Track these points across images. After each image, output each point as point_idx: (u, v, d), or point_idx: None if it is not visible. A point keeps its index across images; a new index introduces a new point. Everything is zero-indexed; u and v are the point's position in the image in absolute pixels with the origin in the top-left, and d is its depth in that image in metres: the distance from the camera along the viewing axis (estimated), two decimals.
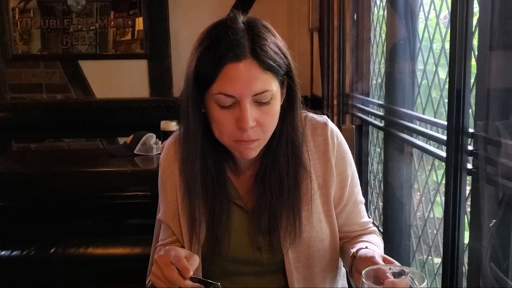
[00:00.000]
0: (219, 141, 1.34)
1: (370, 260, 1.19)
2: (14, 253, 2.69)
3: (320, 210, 1.43)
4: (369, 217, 1.55)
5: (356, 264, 1.30)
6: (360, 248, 1.32)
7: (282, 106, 1.36)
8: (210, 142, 1.37)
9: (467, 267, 1.64)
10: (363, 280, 0.92)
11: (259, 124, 1.28)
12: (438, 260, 2.13)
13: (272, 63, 1.26)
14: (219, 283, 1.21)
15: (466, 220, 1.62)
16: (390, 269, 1.00)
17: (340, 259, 1.52)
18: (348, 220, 1.48)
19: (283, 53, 1.31)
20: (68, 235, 2.90)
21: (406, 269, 1.00)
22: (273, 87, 1.28)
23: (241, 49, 1.23)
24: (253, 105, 1.26)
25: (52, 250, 2.70)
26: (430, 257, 2.16)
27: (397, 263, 1.18)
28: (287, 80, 1.34)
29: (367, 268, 0.98)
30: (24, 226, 2.99)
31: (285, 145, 1.37)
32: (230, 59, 1.22)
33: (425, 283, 0.89)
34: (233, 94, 1.24)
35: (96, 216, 3.36)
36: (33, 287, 2.62)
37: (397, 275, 0.99)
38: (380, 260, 1.17)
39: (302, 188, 1.40)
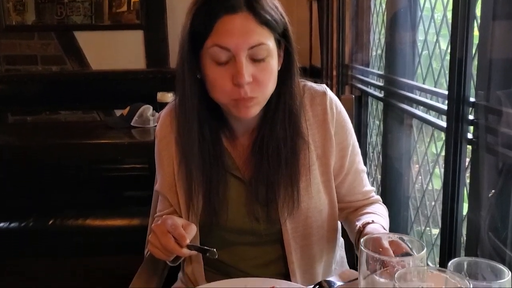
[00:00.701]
0: (217, 103, 1.32)
1: (377, 242, 1.14)
2: (12, 225, 2.69)
3: (319, 181, 1.41)
4: (371, 186, 1.53)
5: (357, 238, 1.29)
6: (366, 223, 1.31)
7: (279, 71, 1.33)
8: (206, 109, 1.35)
9: (465, 238, 1.64)
10: (361, 248, 0.91)
11: (256, 81, 1.25)
12: (436, 231, 2.13)
13: (268, 17, 1.24)
14: (214, 249, 1.21)
15: (465, 190, 1.61)
16: (389, 237, 0.99)
17: (338, 229, 1.52)
18: (350, 190, 1.46)
19: (280, 12, 1.29)
20: (66, 207, 2.90)
21: (405, 237, 0.99)
22: (269, 43, 1.25)
23: (236, 1, 1.21)
24: (249, 60, 1.24)
25: (50, 222, 2.71)
26: (428, 228, 2.17)
27: (404, 245, 1.16)
28: (284, 43, 1.32)
29: (366, 237, 0.96)
30: (21, 198, 2.98)
31: (283, 113, 1.35)
32: (225, 11, 1.21)
33: (424, 251, 0.88)
34: (228, 47, 1.22)
35: (94, 188, 3.36)
36: (31, 259, 2.63)
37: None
38: (386, 244, 1.12)
39: (300, 159, 1.38)
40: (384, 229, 1.30)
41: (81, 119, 4.20)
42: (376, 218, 1.35)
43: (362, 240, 0.92)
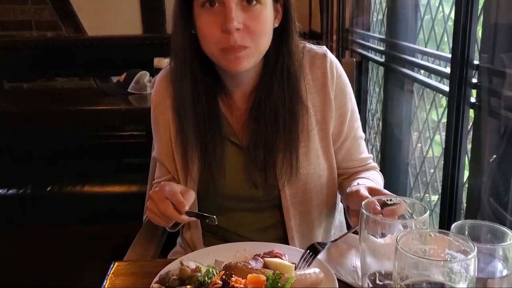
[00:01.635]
0: (211, 63, 1.30)
1: (355, 195, 1.18)
2: (10, 191, 2.68)
3: (318, 146, 1.39)
4: (369, 153, 1.51)
5: (346, 201, 1.28)
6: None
7: (277, 29, 1.30)
8: (200, 69, 1.32)
9: (465, 204, 1.63)
10: (362, 210, 0.89)
11: (246, 29, 1.22)
12: (435, 198, 2.12)
13: None
14: (214, 216, 1.19)
15: (466, 156, 1.59)
16: (390, 200, 0.97)
17: (338, 194, 1.50)
18: (347, 156, 1.44)
19: None
20: (65, 174, 2.89)
21: (406, 199, 0.97)
22: None
23: None
24: (239, 6, 1.21)
25: (48, 189, 2.70)
26: (427, 195, 2.16)
27: (385, 191, 1.16)
28: None
29: (367, 200, 0.94)
30: (19, 165, 2.97)
31: (281, 74, 1.31)
32: None
33: (427, 214, 0.86)
34: None
35: (92, 156, 3.34)
36: (31, 226, 2.63)
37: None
38: (365, 192, 1.16)
39: (299, 123, 1.35)
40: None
41: (77, 86, 4.15)
42: (365, 182, 1.33)
43: (363, 203, 0.90)
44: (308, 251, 1.14)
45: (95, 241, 2.51)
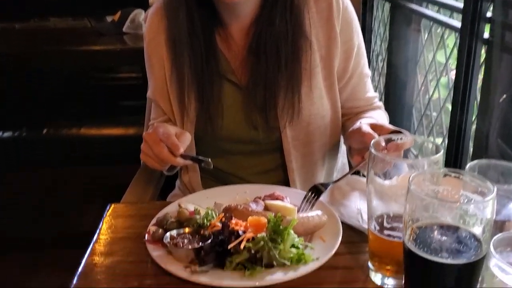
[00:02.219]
0: None
1: (357, 132, 1.13)
2: (5, 134, 2.63)
3: (322, 85, 1.32)
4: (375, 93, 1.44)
5: (347, 141, 1.22)
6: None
7: None
8: (196, 2, 1.24)
9: (472, 145, 1.58)
10: (371, 150, 0.83)
11: None
12: (439, 140, 2.07)
13: None
14: (209, 159, 1.14)
15: (476, 96, 1.52)
16: (400, 139, 0.92)
17: (341, 136, 1.45)
18: (352, 95, 1.37)
19: None
20: (60, 117, 2.83)
21: (418, 138, 0.92)
22: None
23: None
24: None
25: (44, 132, 2.65)
26: (431, 137, 2.10)
27: (389, 126, 1.11)
28: None
29: (375, 139, 0.89)
30: (13, 108, 2.90)
31: (283, 5, 1.21)
32: None
33: (440, 153, 0.80)
34: None
35: (87, 98, 3.26)
36: (26, 169, 2.60)
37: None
38: (367, 128, 1.10)
39: (302, 60, 1.27)
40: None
41: (71, 26, 4.00)
42: (371, 121, 1.26)
43: (372, 142, 0.84)
44: (311, 192, 1.10)
45: (93, 185, 2.48)
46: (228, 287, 0.85)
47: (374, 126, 1.11)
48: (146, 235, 0.98)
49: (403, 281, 0.78)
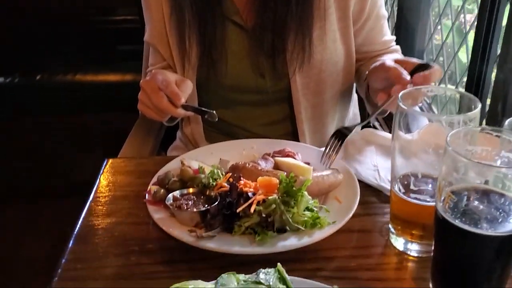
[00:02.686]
0: None
1: (381, 69, 1.03)
2: None
3: (336, 28, 1.20)
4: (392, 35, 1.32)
5: (370, 80, 1.12)
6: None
7: None
8: None
9: (489, 101, 1.48)
10: (399, 103, 0.74)
11: None
12: (452, 87, 1.97)
13: None
14: (214, 111, 1.05)
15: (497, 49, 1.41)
16: (430, 90, 0.82)
17: (354, 84, 1.35)
18: (368, 39, 1.26)
19: None
20: (54, 62, 2.70)
21: (449, 90, 0.81)
22: None
23: None
24: None
25: (38, 77, 2.53)
26: (442, 85, 2.00)
27: (415, 60, 1.02)
28: None
29: (404, 91, 0.78)
30: (5, 53, 2.76)
31: None
32: None
33: (478, 108, 0.70)
34: None
35: (83, 43, 3.11)
36: (20, 116, 2.50)
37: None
38: (392, 63, 1.01)
39: (315, 1, 1.16)
40: None
41: None
42: (395, 57, 1.16)
43: (400, 95, 0.75)
44: (334, 137, 1.01)
45: (90, 133, 2.40)
46: (238, 254, 0.78)
47: (398, 62, 1.01)
48: (147, 195, 0.90)
49: (433, 250, 0.70)
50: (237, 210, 0.79)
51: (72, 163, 2.40)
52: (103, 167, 1.09)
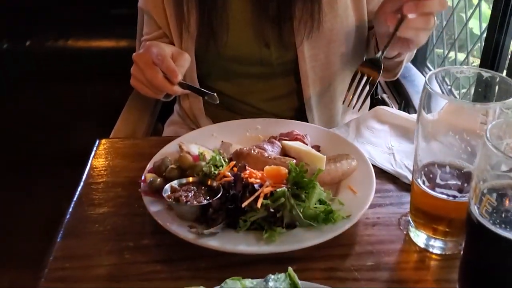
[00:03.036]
0: None
1: (379, 15, 0.96)
2: None
3: None
4: None
5: (375, 23, 1.04)
6: None
7: None
8: None
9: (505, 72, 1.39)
10: (427, 87, 0.65)
11: None
12: (461, 56, 1.87)
13: None
14: (215, 94, 0.95)
15: None
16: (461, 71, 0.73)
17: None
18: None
19: None
20: (45, 27, 2.57)
21: (479, 70, 0.72)
22: None
23: None
24: None
25: (27, 43, 2.41)
26: (452, 52, 1.90)
27: None
28: None
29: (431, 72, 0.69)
30: None
31: None
32: None
33: None
34: None
35: (74, 5, 2.97)
36: (8, 84, 2.40)
37: None
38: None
39: None
40: None
41: None
42: None
43: (427, 76, 0.66)
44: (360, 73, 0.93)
45: (83, 102, 2.30)
46: (243, 253, 0.70)
47: None
48: (142, 184, 0.82)
49: (463, 251, 0.63)
50: (243, 205, 0.72)
51: (66, 133, 2.31)
52: (94, 149, 1.00)
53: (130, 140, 1.04)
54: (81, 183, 0.90)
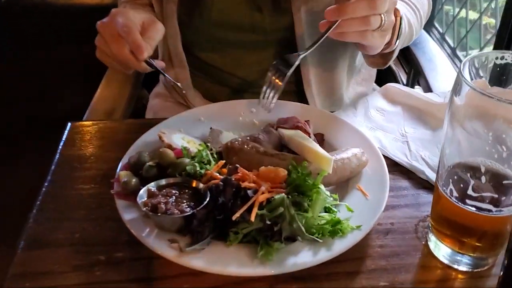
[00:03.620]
0: None
1: None
2: None
3: None
4: None
5: None
6: None
7: None
8: None
9: None
10: (461, 74, 0.52)
11: None
12: (474, 15, 1.72)
13: None
14: (180, 84, 0.82)
15: None
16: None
17: None
18: None
19: None
20: None
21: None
22: None
23: None
24: None
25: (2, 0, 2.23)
26: (463, 10, 1.75)
27: None
28: None
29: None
30: None
31: None
32: None
33: None
34: None
35: None
36: None
37: None
38: None
39: None
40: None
41: None
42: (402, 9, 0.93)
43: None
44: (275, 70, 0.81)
45: (64, 66, 2.15)
46: (233, 276, 0.59)
47: None
48: (115, 184, 0.70)
49: (503, 272, 0.52)
50: (233, 218, 0.60)
51: (48, 99, 2.17)
52: (64, 135, 0.88)
53: (105, 124, 0.91)
54: (48, 178, 0.78)
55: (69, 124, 0.90)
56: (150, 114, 1.19)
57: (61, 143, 0.85)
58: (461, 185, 0.56)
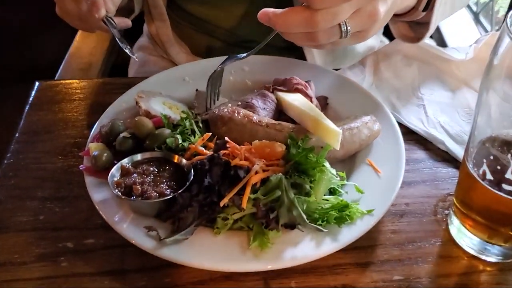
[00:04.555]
0: None
1: None
2: None
3: None
4: None
5: None
6: None
7: None
8: None
9: None
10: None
11: None
12: None
13: None
14: (135, 56, 0.70)
15: None
16: None
17: None
18: None
19: None
20: None
21: None
22: None
23: None
24: None
25: None
26: None
27: None
28: None
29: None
30: None
31: None
32: None
33: None
34: None
35: None
36: None
37: None
38: None
39: None
40: None
41: None
42: None
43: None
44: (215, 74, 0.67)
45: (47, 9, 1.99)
46: (219, 271, 0.50)
47: None
48: (85, 159, 0.59)
49: None
50: (221, 204, 0.50)
51: (22, 47, 2.03)
52: (31, 97, 0.76)
53: (78, 83, 0.79)
54: (10, 148, 0.68)
55: (37, 83, 0.79)
56: (132, 70, 1.07)
57: (27, 107, 0.75)
58: (498, 167, 0.46)
